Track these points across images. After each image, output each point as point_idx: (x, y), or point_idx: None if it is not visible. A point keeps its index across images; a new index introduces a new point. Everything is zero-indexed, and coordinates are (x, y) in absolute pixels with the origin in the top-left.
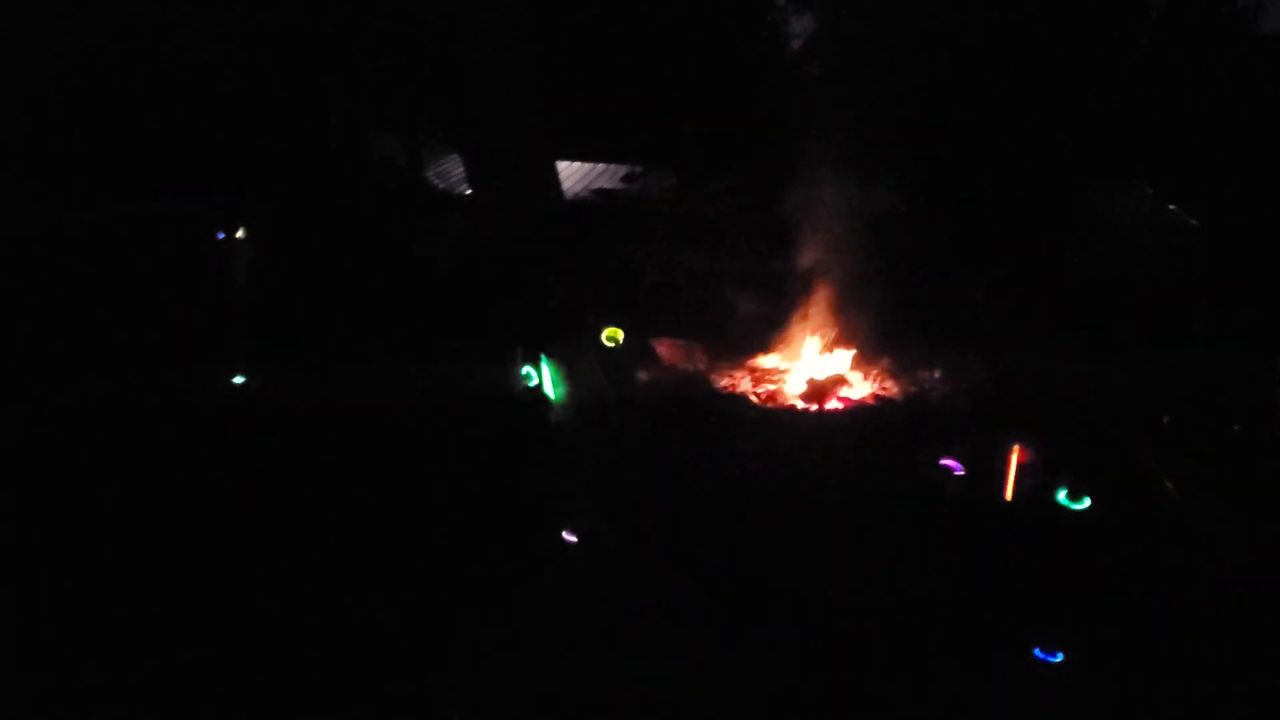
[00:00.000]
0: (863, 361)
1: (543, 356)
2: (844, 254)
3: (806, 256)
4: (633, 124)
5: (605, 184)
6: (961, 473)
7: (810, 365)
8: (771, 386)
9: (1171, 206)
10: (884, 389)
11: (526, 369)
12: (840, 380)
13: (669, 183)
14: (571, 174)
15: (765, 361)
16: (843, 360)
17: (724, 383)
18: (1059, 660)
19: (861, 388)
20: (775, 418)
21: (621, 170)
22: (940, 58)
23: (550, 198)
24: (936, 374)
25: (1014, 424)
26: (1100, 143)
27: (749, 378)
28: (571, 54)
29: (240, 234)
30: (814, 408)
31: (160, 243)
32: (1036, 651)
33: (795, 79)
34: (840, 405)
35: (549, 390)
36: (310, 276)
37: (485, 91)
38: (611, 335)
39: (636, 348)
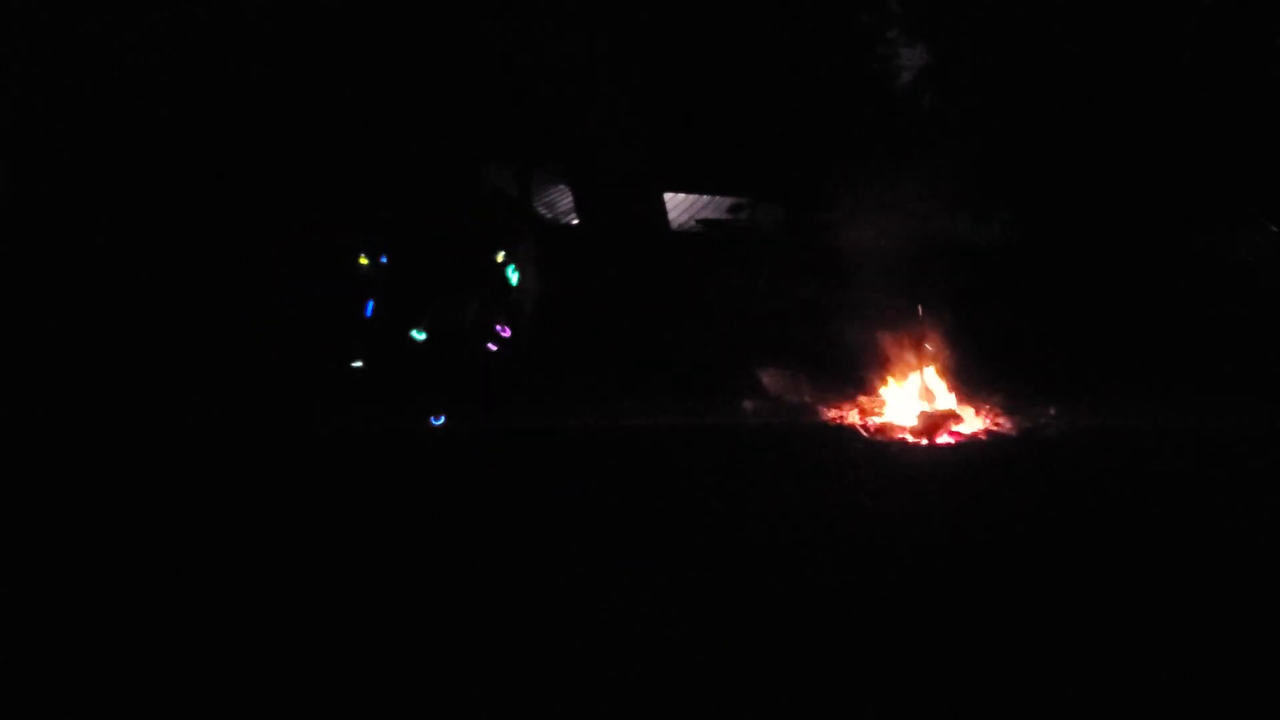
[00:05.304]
0: (976, 396)
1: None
2: (955, 287)
3: (917, 289)
4: (741, 155)
5: (711, 214)
6: None
7: (921, 399)
8: (880, 419)
9: None
10: (997, 424)
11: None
12: (952, 415)
13: (777, 213)
14: (677, 205)
15: (874, 394)
16: (955, 394)
17: (832, 414)
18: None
19: (974, 423)
20: (885, 450)
21: (727, 201)
22: (1058, 92)
23: (657, 228)
24: (1052, 410)
25: None
26: (1224, 179)
27: (857, 410)
28: (681, 87)
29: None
30: (924, 442)
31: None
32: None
33: (906, 111)
34: (952, 440)
35: None
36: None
37: (596, 127)
38: None
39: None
